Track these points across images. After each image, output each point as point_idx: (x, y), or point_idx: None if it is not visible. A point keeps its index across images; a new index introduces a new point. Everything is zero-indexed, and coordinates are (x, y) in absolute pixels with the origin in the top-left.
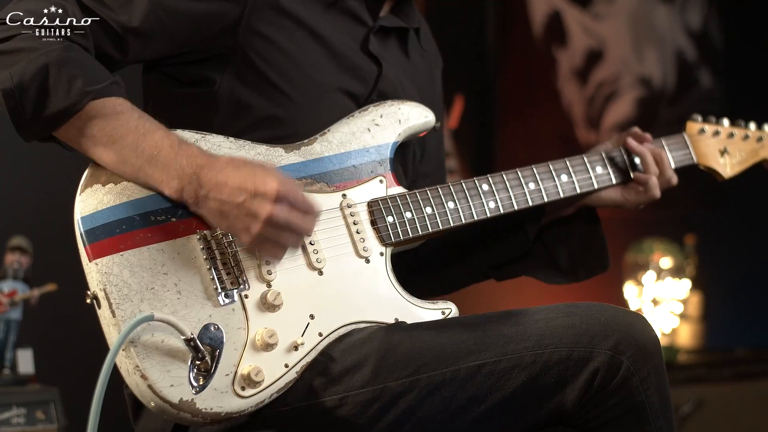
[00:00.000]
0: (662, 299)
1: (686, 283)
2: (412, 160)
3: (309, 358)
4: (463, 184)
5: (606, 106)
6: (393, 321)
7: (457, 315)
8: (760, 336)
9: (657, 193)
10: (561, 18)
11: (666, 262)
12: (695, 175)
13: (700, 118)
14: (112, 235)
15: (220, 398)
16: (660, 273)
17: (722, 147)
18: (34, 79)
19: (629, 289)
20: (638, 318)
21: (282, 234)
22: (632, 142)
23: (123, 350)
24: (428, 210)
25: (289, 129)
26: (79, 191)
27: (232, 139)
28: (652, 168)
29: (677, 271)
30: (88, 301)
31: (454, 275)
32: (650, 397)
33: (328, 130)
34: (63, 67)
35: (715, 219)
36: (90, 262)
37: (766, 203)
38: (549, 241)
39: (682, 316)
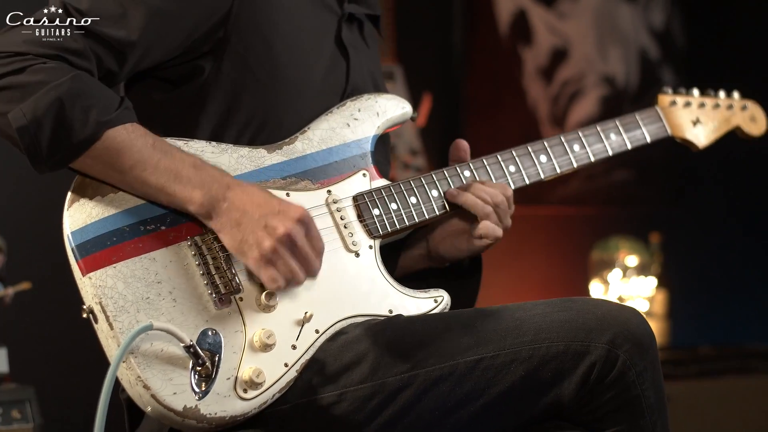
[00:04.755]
0: (628, 297)
1: (651, 281)
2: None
3: (307, 356)
4: (445, 171)
5: (570, 104)
6: (387, 312)
7: (449, 302)
8: (725, 334)
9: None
10: (526, 17)
11: (631, 260)
12: (658, 173)
13: (670, 90)
14: (103, 247)
15: (223, 402)
16: (625, 271)
17: (694, 117)
18: (48, 114)
19: (595, 287)
20: (634, 313)
21: (290, 260)
22: (452, 192)
23: (123, 362)
24: (413, 200)
25: (275, 124)
26: (66, 206)
27: (214, 143)
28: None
29: (642, 269)
30: (84, 315)
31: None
32: (646, 391)
33: (308, 128)
34: (76, 99)
35: (680, 217)
36: (83, 276)
37: (731, 201)
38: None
39: (648, 314)
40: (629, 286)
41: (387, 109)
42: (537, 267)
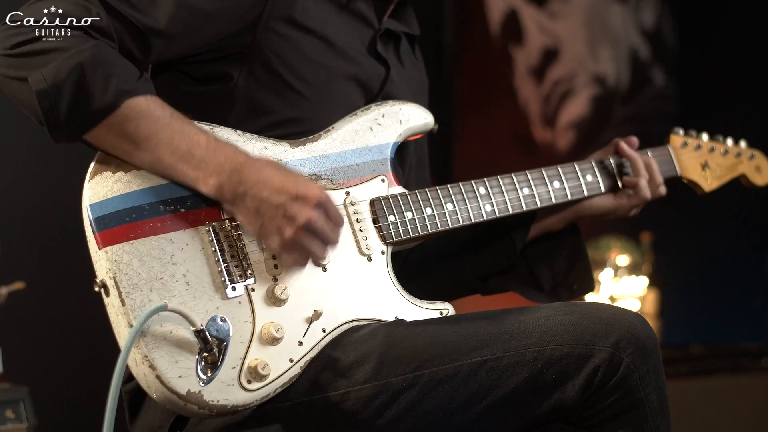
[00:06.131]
0: (619, 296)
1: (643, 281)
2: (408, 165)
3: (313, 354)
4: (461, 186)
5: (561, 104)
6: (393, 319)
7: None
8: (716, 332)
9: (647, 194)
10: (518, 16)
11: (623, 259)
12: None
13: (681, 132)
14: (122, 223)
15: (226, 391)
16: (617, 270)
17: (703, 161)
18: (69, 80)
19: None
20: (637, 317)
21: (313, 242)
22: (624, 146)
23: None
24: (428, 211)
25: (302, 127)
26: (87, 178)
27: (239, 132)
28: (642, 171)
29: (634, 269)
30: (96, 289)
31: (440, 285)
32: (649, 395)
33: (332, 128)
34: (97, 66)
35: (671, 216)
36: (99, 249)
37: (722, 201)
38: (532, 260)
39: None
40: (620, 285)
41: (410, 118)
42: None
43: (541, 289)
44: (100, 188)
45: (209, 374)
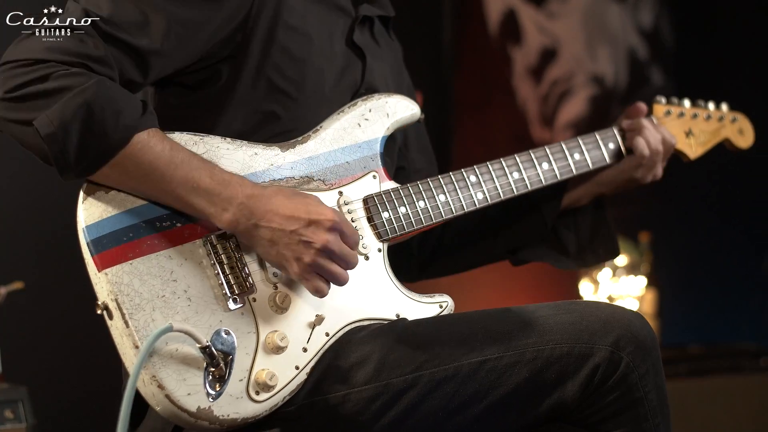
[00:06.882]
0: (618, 296)
1: (641, 280)
2: (393, 154)
3: (317, 359)
4: (452, 176)
5: (560, 104)
6: (394, 316)
7: (453, 308)
8: (714, 332)
9: (659, 147)
10: (516, 16)
11: (621, 259)
12: None
13: (664, 100)
14: (119, 243)
15: (236, 404)
16: (615, 270)
17: (687, 128)
18: (75, 119)
19: (585, 287)
20: (636, 316)
21: (332, 265)
22: (626, 123)
23: None
24: (421, 204)
25: (290, 125)
26: (81, 199)
27: (229, 139)
28: (646, 124)
29: (632, 269)
30: (99, 311)
31: (474, 257)
32: (649, 393)
33: (321, 127)
34: (104, 103)
35: (669, 216)
36: (99, 272)
37: (719, 200)
38: (558, 227)
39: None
40: (619, 285)
41: (397, 110)
42: (528, 266)
43: (567, 254)
44: (94, 209)
45: (218, 389)
